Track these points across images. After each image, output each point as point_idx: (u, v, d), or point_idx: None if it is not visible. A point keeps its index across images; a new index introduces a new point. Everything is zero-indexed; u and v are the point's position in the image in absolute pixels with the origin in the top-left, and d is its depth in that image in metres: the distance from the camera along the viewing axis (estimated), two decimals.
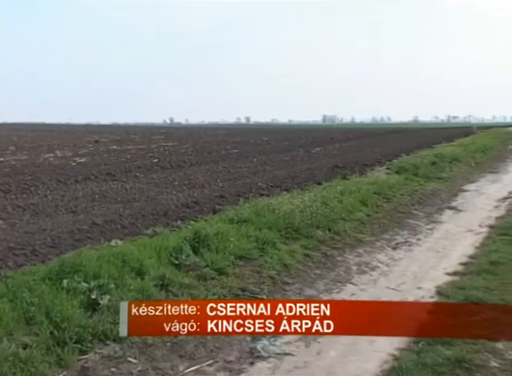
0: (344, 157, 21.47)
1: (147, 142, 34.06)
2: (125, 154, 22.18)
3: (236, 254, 6.32)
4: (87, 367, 3.65)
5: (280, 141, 35.17)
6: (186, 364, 3.84)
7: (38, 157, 20.58)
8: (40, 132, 54.31)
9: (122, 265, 5.33)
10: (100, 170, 15.63)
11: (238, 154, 22.80)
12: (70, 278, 4.79)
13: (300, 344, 4.24)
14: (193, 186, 12.45)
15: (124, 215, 8.68)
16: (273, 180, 13.61)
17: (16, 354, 3.58)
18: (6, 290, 4.44)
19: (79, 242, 6.92)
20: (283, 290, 5.51)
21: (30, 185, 12.08)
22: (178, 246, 6.09)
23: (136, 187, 12.18)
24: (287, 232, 7.47)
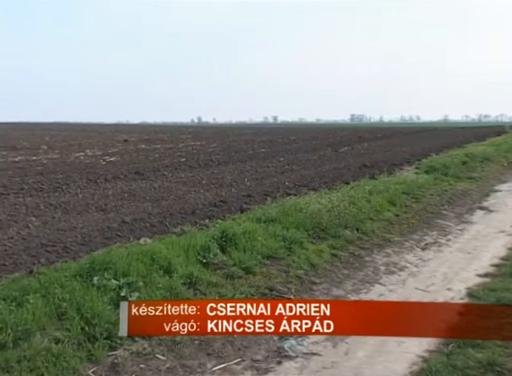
0: (372, 156, 21.26)
1: (175, 141, 34.35)
2: (153, 153, 22.42)
3: (263, 253, 6.33)
4: (117, 363, 3.70)
5: (307, 140, 35.04)
6: (214, 362, 3.87)
7: (69, 156, 20.96)
8: (71, 131, 55.35)
9: (151, 263, 5.38)
10: (129, 168, 15.83)
11: (265, 154, 22.80)
12: (100, 276, 4.86)
13: (327, 344, 4.22)
14: (220, 185, 12.51)
15: (152, 214, 8.78)
16: (300, 179, 13.58)
17: (48, 349, 3.66)
18: (39, 286, 4.53)
19: (109, 239, 7.03)
20: (310, 290, 5.49)
21: (62, 183, 12.32)
22: (206, 244, 6.12)
23: (164, 186, 12.30)
24: (314, 231, 7.44)
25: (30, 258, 6.06)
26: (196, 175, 14.52)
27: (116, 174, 14.23)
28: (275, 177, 14.36)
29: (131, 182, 13.09)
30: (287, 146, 28.29)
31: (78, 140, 34.79)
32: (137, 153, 22.92)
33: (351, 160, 19.52)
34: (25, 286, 4.53)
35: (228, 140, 35.37)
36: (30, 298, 4.23)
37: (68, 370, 3.52)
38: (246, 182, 13.18)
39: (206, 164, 17.72)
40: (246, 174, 14.87)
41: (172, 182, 12.98)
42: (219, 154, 22.08)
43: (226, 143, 31.09)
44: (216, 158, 20.10)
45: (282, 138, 38.21)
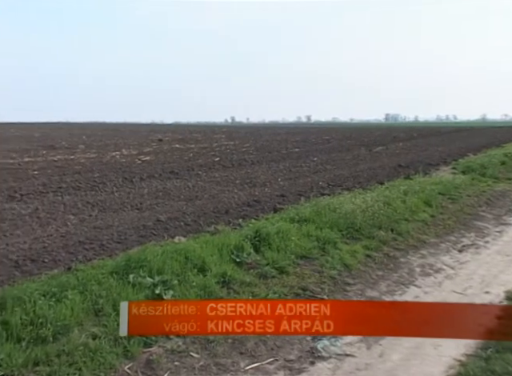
0: (407, 156, 20.95)
1: (209, 140, 34.58)
2: (187, 153, 22.63)
3: (297, 253, 6.32)
4: (152, 360, 3.75)
5: (341, 140, 34.77)
6: (247, 361, 3.88)
7: (106, 155, 21.35)
8: (107, 131, 56.34)
9: (185, 261, 5.43)
10: (164, 168, 16.02)
11: (298, 153, 22.73)
12: (136, 273, 4.94)
13: (361, 345, 4.18)
14: (254, 185, 12.53)
15: (187, 213, 8.86)
16: (334, 179, 13.49)
17: (86, 344, 3.74)
18: (77, 283, 4.63)
19: (144, 238, 7.13)
20: (344, 291, 5.45)
21: (98, 182, 12.56)
22: (240, 243, 6.15)
23: (198, 185, 12.40)
24: (348, 232, 7.39)
25: (68, 255, 6.21)
26: (230, 175, 14.59)
27: (151, 173, 14.42)
28: (309, 176, 14.31)
29: (166, 181, 13.25)
30: (320, 146, 28.14)
31: (114, 139, 35.41)
32: (171, 152, 23.17)
33: (386, 160, 19.29)
34: (63, 282, 4.64)
35: (261, 140, 35.39)
36: (69, 294, 4.33)
37: (105, 365, 3.59)
38: (279, 182, 13.17)
39: (240, 164, 17.78)
40: (280, 174, 14.86)
41: (206, 182, 13.08)
42: (253, 154, 22.12)
43: (260, 143, 31.12)
44: (249, 157, 20.14)
45: (316, 137, 38.01)
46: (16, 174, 14.31)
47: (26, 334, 3.76)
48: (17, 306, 3.98)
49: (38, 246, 6.55)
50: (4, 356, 3.44)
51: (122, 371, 3.59)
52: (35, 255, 6.12)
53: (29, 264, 5.82)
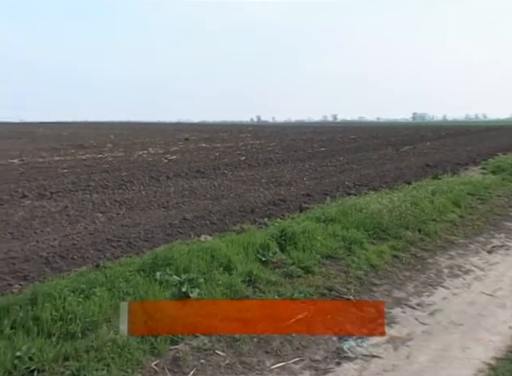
0: (435, 155, 20.66)
1: (235, 139, 34.67)
2: (213, 152, 22.73)
3: (322, 252, 6.29)
4: (178, 357, 3.78)
5: (368, 139, 34.47)
6: (273, 360, 3.87)
7: (133, 154, 21.60)
8: (135, 130, 57.02)
9: (211, 260, 5.46)
10: (190, 167, 16.13)
11: (324, 152, 22.62)
12: (163, 271, 4.98)
13: (388, 346, 4.14)
14: (279, 184, 12.52)
15: (213, 211, 8.90)
16: (360, 179, 13.39)
17: (114, 340, 3.79)
18: (105, 280, 4.70)
19: (170, 236, 7.20)
20: (370, 291, 5.40)
21: (126, 180, 12.72)
22: (265, 243, 6.15)
23: (224, 184, 12.45)
24: (375, 232, 7.33)
25: (96, 252, 6.31)
26: (255, 174, 14.61)
27: (177, 172, 14.54)
28: (335, 176, 14.23)
29: (192, 179, 13.34)
30: (347, 145, 27.96)
31: (141, 138, 35.80)
32: (197, 151, 23.31)
33: (413, 159, 19.05)
34: (92, 279, 4.71)
35: (287, 139, 35.34)
36: (97, 291, 4.40)
37: (132, 361, 3.63)
38: (305, 181, 13.14)
39: (266, 163, 17.79)
40: (305, 173, 14.82)
41: (232, 181, 13.12)
42: (278, 153, 22.10)
43: (285, 142, 31.08)
44: (275, 156, 20.13)
45: (342, 136, 37.77)
46: (46, 172, 14.59)
47: (56, 329, 3.83)
48: (47, 302, 4.06)
49: (68, 243, 6.67)
50: (35, 350, 3.51)
51: (149, 368, 3.62)
52: (64, 252, 6.24)
53: (58, 261, 5.93)
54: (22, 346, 3.54)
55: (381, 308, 4.93)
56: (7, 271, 5.51)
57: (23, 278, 5.31)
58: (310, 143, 29.63)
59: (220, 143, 29.90)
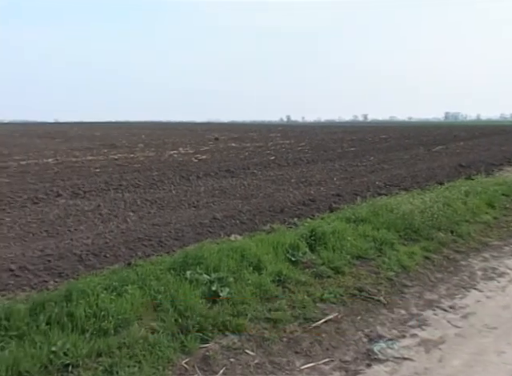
0: (469, 156, 20.27)
1: (264, 139, 34.70)
2: (243, 152, 22.79)
3: (353, 253, 6.25)
4: (208, 355, 3.80)
5: (399, 139, 34.06)
6: (302, 360, 3.86)
7: (164, 153, 21.83)
8: (165, 130, 57.61)
9: (241, 259, 5.48)
10: (220, 166, 16.22)
11: (354, 152, 22.44)
12: (193, 270, 5.02)
13: (420, 349, 4.08)
14: (309, 184, 12.48)
15: (242, 211, 8.93)
16: (391, 179, 13.24)
17: (145, 338, 3.84)
18: (137, 278, 4.76)
19: (200, 235, 7.25)
20: (401, 293, 5.33)
21: (157, 180, 12.88)
22: (295, 242, 6.14)
23: (254, 184, 12.47)
24: (406, 233, 7.23)
25: (128, 250, 6.40)
26: (285, 174, 14.59)
27: (207, 172, 14.63)
28: (365, 176, 14.11)
29: (222, 179, 13.40)
30: (377, 145, 27.67)
31: (172, 138, 36.16)
32: (227, 151, 23.41)
33: (446, 159, 18.74)
34: (124, 277, 4.77)
35: (317, 138, 35.18)
36: (129, 289, 4.46)
37: (163, 359, 3.67)
38: (335, 181, 13.07)
39: (295, 162, 17.75)
40: (335, 173, 14.73)
41: (261, 180, 13.14)
42: (308, 153, 22.03)
43: (315, 142, 30.95)
44: (305, 156, 20.07)
45: (372, 136, 37.39)
46: (79, 171, 14.88)
47: (90, 325, 3.91)
48: (81, 299, 4.14)
49: (100, 242, 6.78)
50: (70, 346, 3.58)
51: (180, 366, 3.66)
52: (97, 250, 6.35)
53: (91, 258, 6.04)
54: (57, 341, 3.62)
55: (412, 310, 4.87)
56: (42, 268, 5.64)
57: (58, 275, 5.43)
58: (339, 143, 29.44)
59: (250, 143, 29.96)
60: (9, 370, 3.29)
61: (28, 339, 3.65)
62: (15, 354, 3.43)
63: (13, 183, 12.28)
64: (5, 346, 3.56)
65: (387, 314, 4.77)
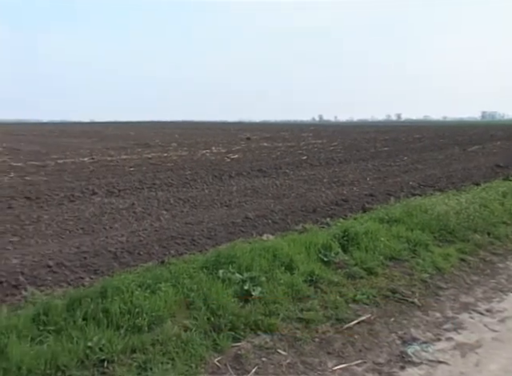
0: (506, 156, 19.77)
1: (296, 139, 34.61)
2: (275, 151, 22.78)
3: (386, 254, 6.17)
4: (240, 354, 3.82)
5: (433, 138, 33.52)
6: (334, 361, 3.84)
7: (196, 153, 22.00)
8: (198, 129, 58.07)
9: (273, 259, 5.47)
10: (252, 166, 16.25)
11: (388, 152, 22.18)
12: (225, 269, 5.04)
13: (455, 353, 4.00)
14: (342, 184, 12.40)
15: (274, 210, 8.93)
16: (425, 179, 13.04)
17: (178, 335, 3.88)
18: (170, 276, 4.81)
19: (233, 234, 7.28)
20: (436, 295, 5.24)
21: (190, 179, 13.00)
22: (327, 243, 6.10)
23: (286, 183, 12.46)
24: (441, 234, 7.11)
25: (161, 248, 6.48)
26: (317, 173, 14.53)
27: (239, 171, 14.68)
28: (399, 176, 13.94)
29: (254, 178, 13.43)
30: (411, 145, 27.29)
31: (205, 138, 36.42)
32: (259, 150, 23.44)
33: (482, 159, 18.34)
34: (157, 274, 4.83)
35: (349, 138, 34.89)
36: (162, 287, 4.50)
37: (195, 356, 3.70)
38: (367, 181, 12.95)
39: (327, 162, 17.66)
40: (368, 173, 14.59)
41: (293, 180, 13.12)
42: (340, 153, 21.88)
43: (348, 141, 30.70)
44: (337, 156, 19.94)
45: (406, 136, 36.89)
46: (114, 170, 15.13)
47: (124, 322, 3.97)
48: (116, 296, 4.21)
49: (134, 240, 6.89)
50: (105, 341, 3.65)
51: (212, 364, 3.68)
52: (131, 248, 6.46)
53: (126, 256, 6.14)
54: (93, 336, 3.69)
55: (447, 313, 4.78)
56: (79, 265, 5.76)
57: (93, 272, 5.54)
58: (372, 143, 29.14)
59: (281, 142, 29.93)
60: (47, 363, 3.38)
61: (65, 334, 3.73)
62: (53, 348, 3.52)
63: (50, 181, 12.58)
64: (43, 341, 3.65)
65: (421, 317, 4.69)
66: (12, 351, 3.40)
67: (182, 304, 4.43)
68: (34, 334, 3.73)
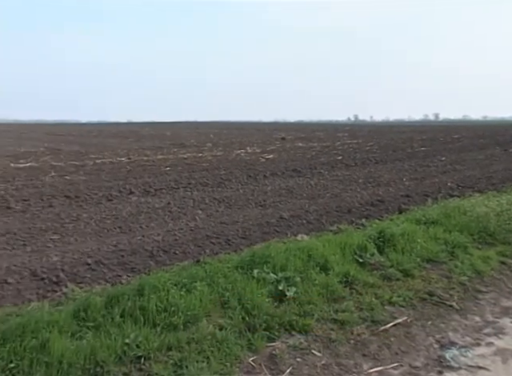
0: None
1: (331, 139, 34.36)
2: (310, 151, 22.68)
3: (423, 256, 6.07)
4: (275, 354, 3.82)
5: (473, 138, 32.75)
6: (370, 364, 3.79)
7: (231, 153, 22.10)
8: (233, 129, 58.30)
9: (308, 259, 5.45)
10: (286, 166, 16.23)
11: (425, 152, 21.78)
12: (260, 269, 5.05)
13: (496, 359, 3.89)
14: (377, 184, 12.26)
15: (309, 211, 8.90)
16: (464, 180, 12.76)
17: (213, 334, 3.91)
18: (205, 275, 4.86)
19: (267, 234, 7.29)
20: (475, 299, 5.11)
21: (224, 179, 13.07)
22: (363, 244, 6.04)
23: (320, 184, 12.40)
24: (480, 236, 6.94)
25: (196, 248, 6.54)
26: (352, 174, 14.40)
27: (274, 171, 14.68)
28: (436, 177, 13.68)
29: (288, 179, 13.41)
30: (449, 145, 26.73)
31: (239, 138, 36.53)
32: (294, 150, 23.38)
33: None
34: (193, 273, 4.88)
35: (385, 138, 34.44)
36: (198, 286, 4.55)
37: (230, 356, 3.72)
38: (404, 182, 12.75)
39: (363, 162, 17.47)
40: (405, 174, 14.37)
41: (328, 180, 13.04)
42: (376, 153, 21.62)
43: (384, 141, 30.30)
44: (373, 156, 19.71)
45: (444, 136, 36.16)
46: (150, 170, 15.34)
47: (160, 320, 4.02)
48: (152, 294, 4.27)
49: (170, 239, 6.97)
50: (142, 339, 3.71)
51: (247, 363, 3.69)
52: (167, 247, 6.54)
53: (162, 255, 6.22)
54: (131, 333, 3.76)
55: (487, 317, 4.67)
56: (116, 263, 5.88)
57: (130, 270, 5.63)
58: (409, 143, 28.67)
59: (316, 142, 29.77)
60: (87, 358, 3.46)
61: (104, 330, 3.81)
62: (92, 343, 3.60)
63: (89, 181, 12.86)
64: (83, 336, 3.74)
65: (460, 320, 4.59)
66: (54, 346, 3.49)
67: (216, 303, 4.47)
68: (74, 329, 3.83)
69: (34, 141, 34.14)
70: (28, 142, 33.02)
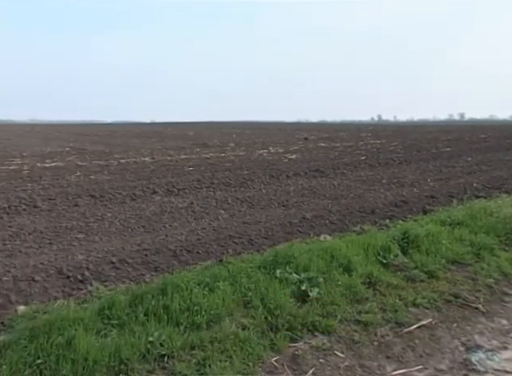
0: None
1: (355, 139, 34.15)
2: (332, 151, 22.57)
3: (448, 257, 5.99)
4: (297, 355, 3.80)
5: (500, 138, 32.21)
6: (394, 366, 3.75)
7: (254, 153, 22.12)
8: (255, 129, 58.37)
9: (331, 260, 5.43)
10: (309, 166, 16.18)
11: (450, 153, 21.50)
12: (283, 269, 5.05)
13: None
14: (401, 185, 12.14)
15: (332, 211, 8.86)
16: (490, 181, 12.55)
17: (236, 334, 3.91)
18: (228, 275, 4.87)
19: (290, 234, 7.28)
20: (502, 301, 5.02)
21: (247, 179, 13.09)
22: (386, 245, 5.99)
23: (343, 184, 12.33)
24: (507, 238, 6.82)
25: (219, 247, 6.56)
26: (376, 174, 14.29)
27: (297, 171, 14.65)
28: (461, 177, 13.48)
29: (311, 179, 13.37)
30: (475, 145, 26.33)
31: (262, 138, 36.56)
32: (316, 151, 23.30)
33: None
34: (215, 273, 4.90)
35: (409, 138, 34.08)
36: (220, 285, 4.56)
37: (253, 355, 3.72)
38: (428, 182, 12.60)
39: (387, 163, 17.32)
40: (429, 174, 14.20)
41: (351, 181, 12.96)
42: (400, 153, 21.41)
43: (408, 142, 29.99)
44: (397, 156, 19.53)
45: (470, 136, 35.64)
46: (174, 170, 15.46)
47: (184, 319, 4.05)
48: (176, 293, 4.31)
49: (193, 238, 7.02)
50: (165, 337, 3.74)
51: (269, 363, 3.69)
52: (190, 246, 6.58)
53: (185, 254, 6.26)
54: (154, 332, 3.79)
55: None
56: (140, 262, 5.94)
57: (154, 269, 5.69)
58: (434, 143, 28.33)
59: (339, 143, 29.62)
60: (111, 356, 3.50)
61: (128, 329, 3.86)
62: (117, 341, 3.64)
63: (113, 180, 13.01)
64: (107, 334, 3.79)
65: (486, 323, 4.52)
66: (79, 343, 3.54)
67: (239, 303, 4.47)
68: (99, 327, 3.88)
69: (59, 141, 34.71)
70: (54, 142, 33.59)
